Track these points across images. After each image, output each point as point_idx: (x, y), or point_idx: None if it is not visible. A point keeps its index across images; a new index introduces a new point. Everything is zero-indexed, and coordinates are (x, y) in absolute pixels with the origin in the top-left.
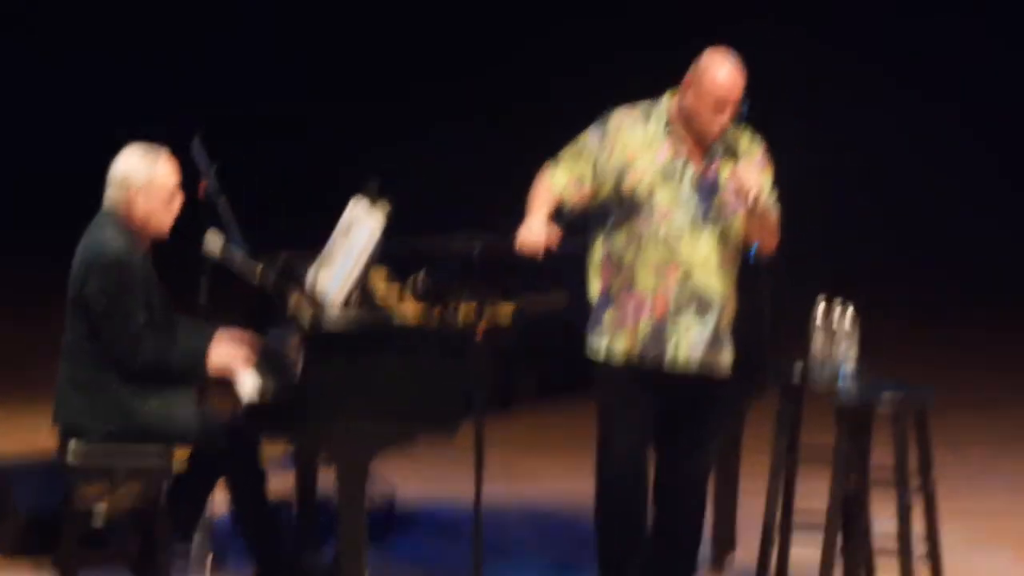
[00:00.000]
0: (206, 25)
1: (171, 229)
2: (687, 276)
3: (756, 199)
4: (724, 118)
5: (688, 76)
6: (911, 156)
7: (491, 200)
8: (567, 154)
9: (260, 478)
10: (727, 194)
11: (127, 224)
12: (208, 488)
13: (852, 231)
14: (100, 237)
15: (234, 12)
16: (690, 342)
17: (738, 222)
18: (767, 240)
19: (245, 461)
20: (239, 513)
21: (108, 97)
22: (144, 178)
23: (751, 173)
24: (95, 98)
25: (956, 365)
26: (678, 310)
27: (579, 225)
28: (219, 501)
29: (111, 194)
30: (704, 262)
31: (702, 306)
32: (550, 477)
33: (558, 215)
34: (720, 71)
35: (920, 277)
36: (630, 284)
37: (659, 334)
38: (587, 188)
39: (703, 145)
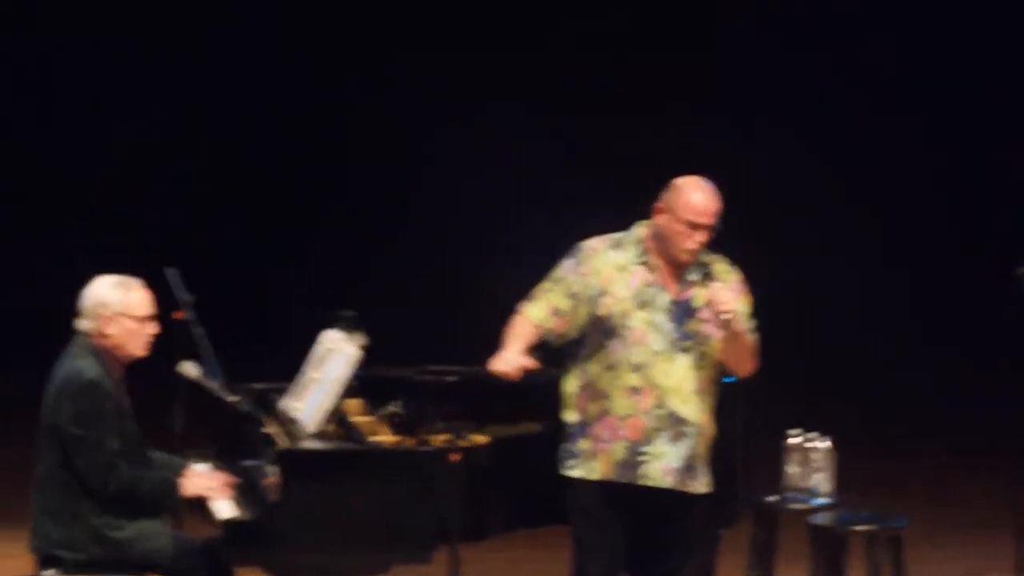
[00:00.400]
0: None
1: (145, 356)
2: (660, 402)
3: (731, 317)
4: (699, 239)
5: (662, 199)
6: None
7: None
8: (540, 288)
9: None
10: (702, 316)
11: (100, 351)
12: None
13: (827, 359)
14: (74, 364)
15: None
16: (663, 468)
17: (713, 348)
18: (743, 364)
19: None
20: None
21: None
22: (118, 307)
23: (726, 292)
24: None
25: (931, 494)
26: (651, 435)
27: (554, 358)
28: None
29: (84, 322)
30: (678, 387)
31: (676, 432)
32: None
33: (540, 348)
34: (695, 193)
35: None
36: (605, 411)
37: (632, 459)
38: (566, 317)
39: (678, 269)
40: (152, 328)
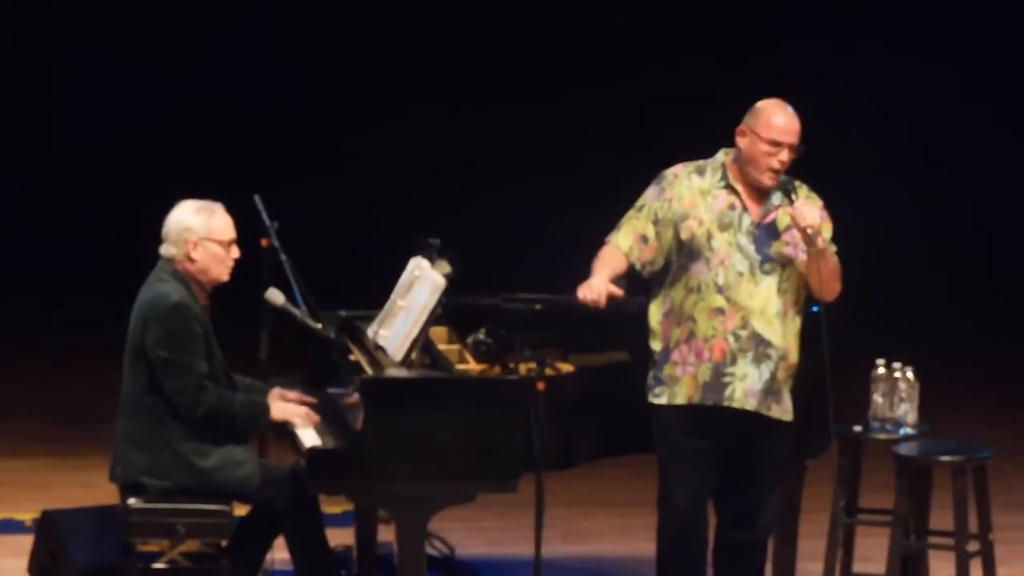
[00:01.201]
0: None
1: (230, 282)
2: (744, 323)
3: (815, 232)
4: (782, 159)
5: (743, 122)
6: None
7: (555, 257)
8: (625, 218)
9: (321, 531)
10: (786, 239)
11: (185, 276)
12: (268, 543)
13: (913, 290)
14: (159, 288)
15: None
16: (745, 389)
17: (797, 271)
18: (829, 286)
19: (306, 514)
20: (300, 566)
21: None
22: (202, 232)
23: (810, 208)
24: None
25: (1019, 427)
26: (735, 356)
27: (640, 287)
28: (280, 556)
29: (168, 247)
30: (762, 309)
31: (759, 354)
32: (611, 537)
33: (627, 277)
34: (776, 114)
35: (982, 338)
36: (690, 333)
37: (717, 380)
38: (651, 244)
39: (760, 193)
40: (235, 252)
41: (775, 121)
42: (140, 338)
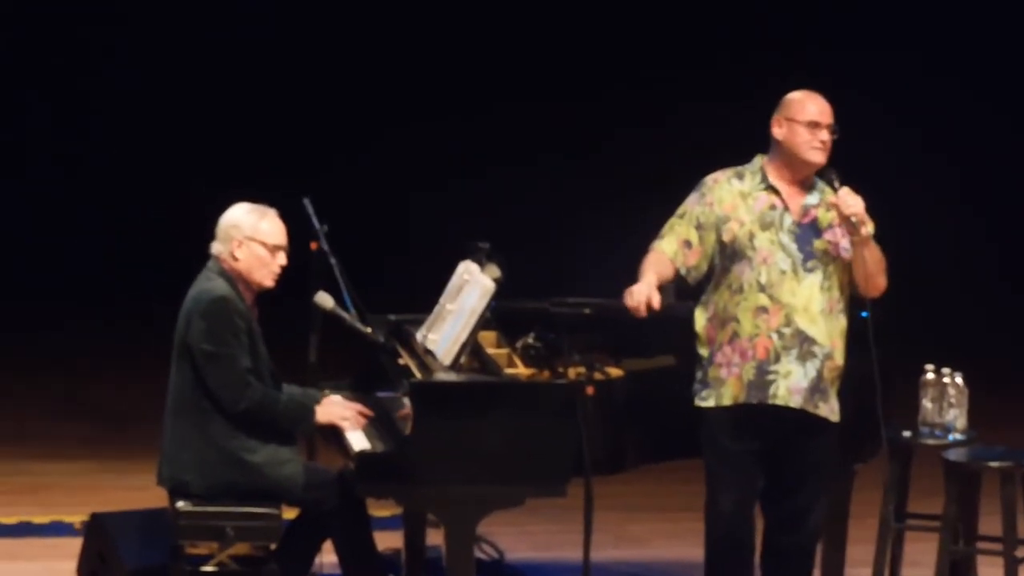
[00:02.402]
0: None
1: (278, 285)
2: (788, 320)
3: (860, 220)
4: (821, 138)
5: (777, 114)
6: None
7: (603, 263)
8: (668, 224)
9: (369, 534)
10: (827, 237)
11: (231, 274)
12: (316, 546)
13: (962, 296)
14: (205, 285)
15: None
16: (790, 387)
17: (840, 269)
18: (874, 280)
19: (354, 518)
20: (348, 570)
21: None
22: (248, 231)
23: (853, 196)
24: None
25: None
26: (779, 354)
27: (688, 291)
28: (328, 559)
29: (216, 244)
30: (806, 307)
31: (804, 352)
32: (659, 542)
33: (674, 281)
34: (809, 98)
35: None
36: (734, 334)
37: (761, 378)
38: (695, 248)
39: (800, 191)
40: (282, 260)
41: (809, 105)
42: (185, 333)
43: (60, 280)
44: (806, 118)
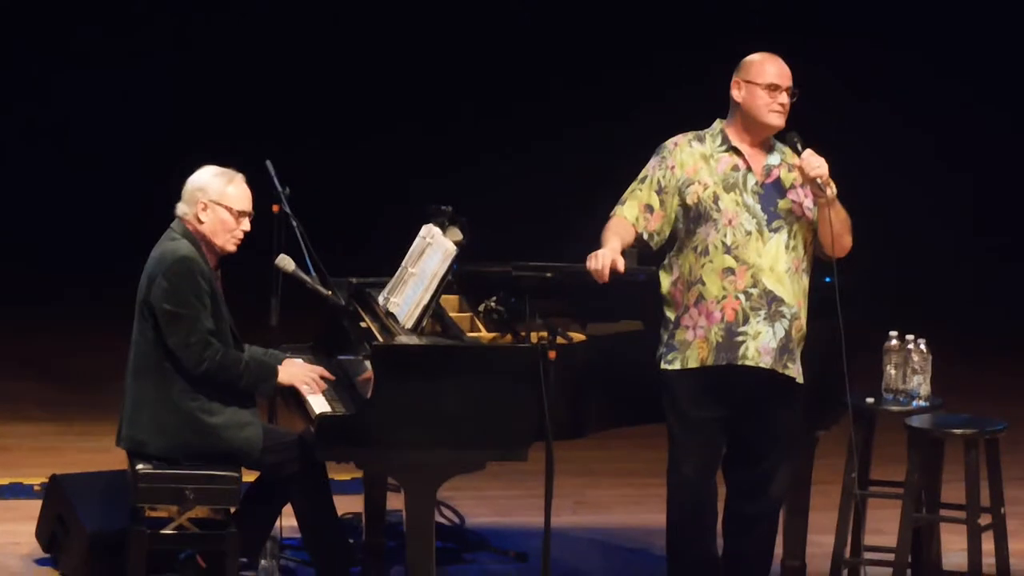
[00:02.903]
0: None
1: (233, 253)
2: (755, 281)
3: (824, 181)
4: (780, 101)
5: (735, 77)
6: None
7: (563, 227)
8: (629, 190)
9: (329, 498)
10: (791, 197)
11: (195, 236)
12: (276, 510)
13: (928, 261)
14: (168, 245)
15: None
16: (759, 347)
17: (804, 228)
18: (840, 240)
19: (314, 481)
20: (308, 533)
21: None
22: (214, 195)
23: (817, 158)
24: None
25: None
26: (747, 315)
27: (651, 256)
28: (288, 523)
29: (182, 205)
30: (772, 266)
31: (773, 312)
32: (621, 508)
33: (636, 245)
34: (767, 60)
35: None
36: (699, 296)
37: (730, 340)
38: (657, 213)
39: (763, 149)
40: (246, 226)
41: (768, 67)
42: (147, 293)
43: (17, 241)
44: (765, 80)
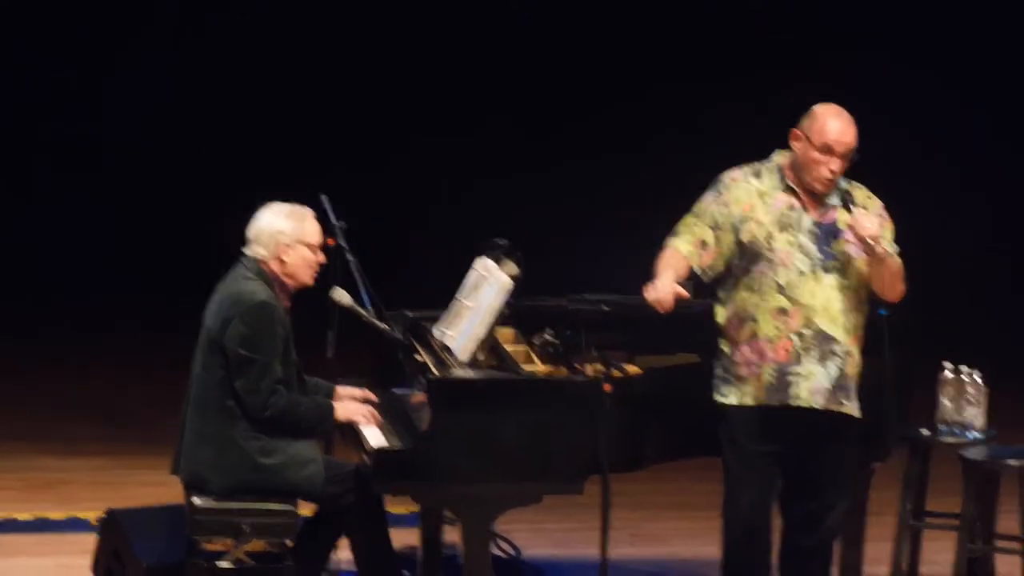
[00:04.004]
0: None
1: (312, 285)
2: (808, 322)
3: (875, 241)
4: (835, 165)
5: (799, 125)
6: None
7: (619, 263)
8: (684, 223)
9: (385, 531)
10: (847, 238)
11: (271, 277)
12: (332, 543)
13: (980, 294)
14: (245, 285)
15: None
16: (811, 388)
17: (858, 269)
18: (892, 288)
19: (370, 514)
20: (363, 567)
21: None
22: (296, 235)
23: (868, 217)
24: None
25: None
26: (800, 355)
27: (708, 289)
28: (344, 556)
29: (257, 248)
30: (825, 307)
31: (825, 352)
32: (676, 540)
33: (691, 278)
34: (831, 119)
35: None
36: (753, 334)
37: (782, 379)
38: (711, 248)
39: (816, 196)
40: (322, 257)
41: (829, 127)
42: (220, 333)
43: (71, 276)
44: (822, 141)
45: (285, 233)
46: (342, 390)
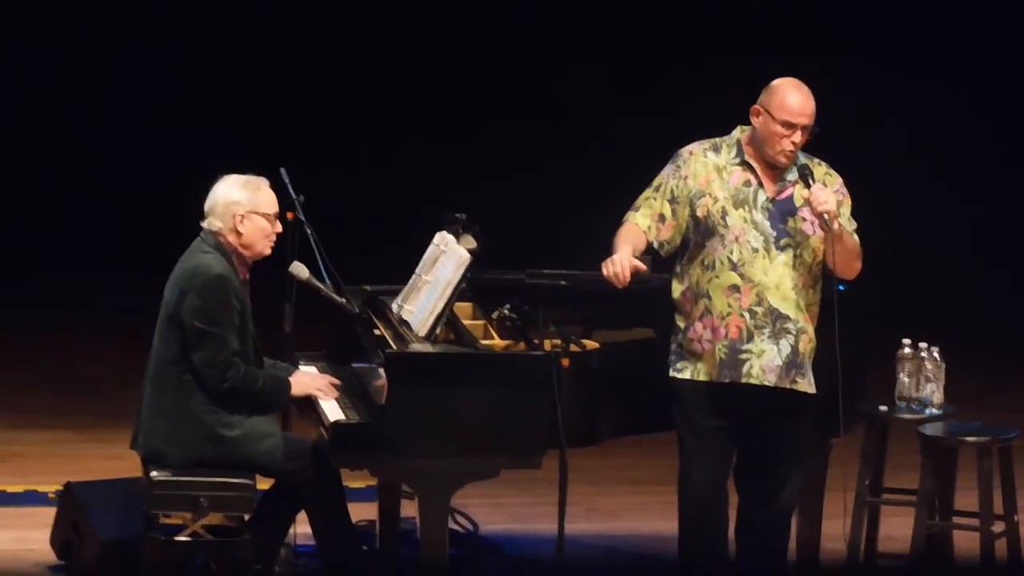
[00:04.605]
0: None
1: (269, 255)
2: (760, 299)
3: (831, 217)
4: (794, 139)
5: (759, 101)
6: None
7: (575, 236)
8: (643, 197)
9: (343, 506)
10: (802, 215)
11: (228, 249)
12: (290, 517)
13: (940, 271)
14: (202, 259)
15: None
16: (763, 366)
17: (813, 246)
18: (848, 266)
19: (328, 489)
20: (322, 541)
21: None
22: (249, 206)
23: (825, 192)
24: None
25: None
26: (752, 333)
27: (665, 264)
28: (302, 530)
29: (213, 220)
30: (777, 285)
31: (777, 330)
32: (633, 515)
33: (649, 253)
34: (791, 92)
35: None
36: (706, 310)
37: (735, 357)
38: (669, 223)
39: (775, 170)
40: (278, 227)
41: (788, 101)
42: (176, 307)
43: (27, 250)
44: (782, 116)
45: (240, 203)
46: (300, 370)
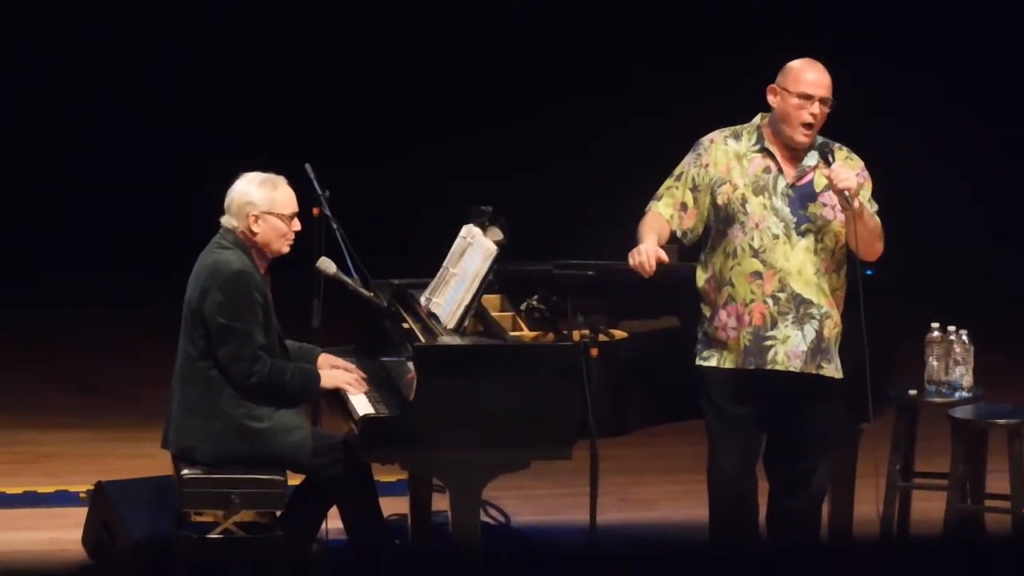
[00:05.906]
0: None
1: (288, 253)
2: (782, 285)
3: (852, 194)
4: (812, 110)
5: (775, 82)
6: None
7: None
8: (665, 186)
9: (374, 500)
10: (823, 200)
11: (247, 244)
12: (322, 512)
13: (969, 254)
14: (221, 255)
15: None
16: (788, 352)
17: (835, 231)
18: (870, 247)
19: (359, 483)
20: (354, 536)
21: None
22: (264, 206)
23: (846, 170)
24: None
25: None
26: (776, 319)
27: (691, 252)
28: (334, 525)
29: (230, 219)
30: (799, 271)
31: (801, 316)
32: (665, 504)
33: (673, 242)
34: (805, 69)
35: None
36: (729, 298)
37: (760, 344)
38: (690, 211)
39: (796, 154)
40: (296, 226)
41: (804, 75)
42: (199, 304)
43: (59, 251)
44: (798, 89)
45: (254, 204)
46: (327, 358)
